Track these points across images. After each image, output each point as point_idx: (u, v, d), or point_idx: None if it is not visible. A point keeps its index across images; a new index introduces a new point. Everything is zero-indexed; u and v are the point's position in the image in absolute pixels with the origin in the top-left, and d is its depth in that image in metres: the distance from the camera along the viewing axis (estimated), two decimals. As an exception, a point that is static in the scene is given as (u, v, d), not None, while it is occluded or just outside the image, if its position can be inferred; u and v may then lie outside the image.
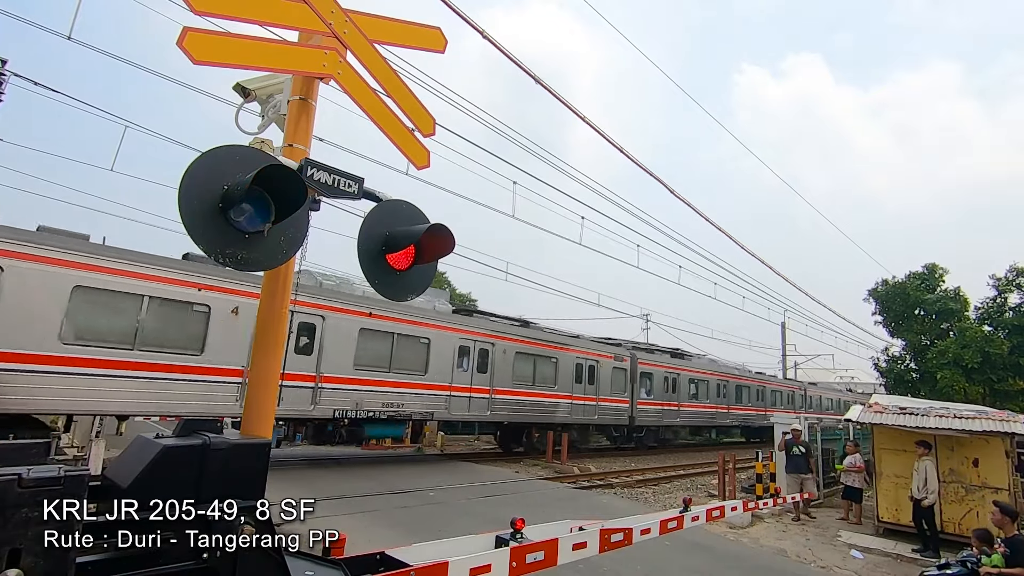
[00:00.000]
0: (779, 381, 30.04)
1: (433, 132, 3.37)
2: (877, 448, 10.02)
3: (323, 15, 2.70)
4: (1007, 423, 8.55)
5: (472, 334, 14.49)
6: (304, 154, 2.67)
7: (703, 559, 7.55)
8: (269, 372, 2.60)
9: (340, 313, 11.69)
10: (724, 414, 24.69)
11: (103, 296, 8.83)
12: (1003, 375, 20.65)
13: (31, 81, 8.86)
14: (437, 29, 3.34)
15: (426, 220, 2.97)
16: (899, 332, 24.00)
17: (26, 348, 8.03)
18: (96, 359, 8.68)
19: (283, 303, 2.66)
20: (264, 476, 2.17)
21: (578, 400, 17.46)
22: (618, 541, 3.50)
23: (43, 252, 8.32)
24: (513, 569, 2.76)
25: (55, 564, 1.49)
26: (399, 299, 3.04)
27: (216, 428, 2.18)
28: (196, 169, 2.11)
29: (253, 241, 2.24)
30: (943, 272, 23.53)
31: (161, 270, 9.43)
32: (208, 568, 1.89)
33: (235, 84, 3.03)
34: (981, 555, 5.27)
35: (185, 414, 9.60)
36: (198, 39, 2.28)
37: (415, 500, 9.59)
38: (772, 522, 10.22)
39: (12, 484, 1.45)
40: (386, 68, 3.10)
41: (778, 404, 27.80)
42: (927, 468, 8.54)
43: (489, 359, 14.83)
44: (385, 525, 7.66)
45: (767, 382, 28.33)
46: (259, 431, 2.51)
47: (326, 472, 11.78)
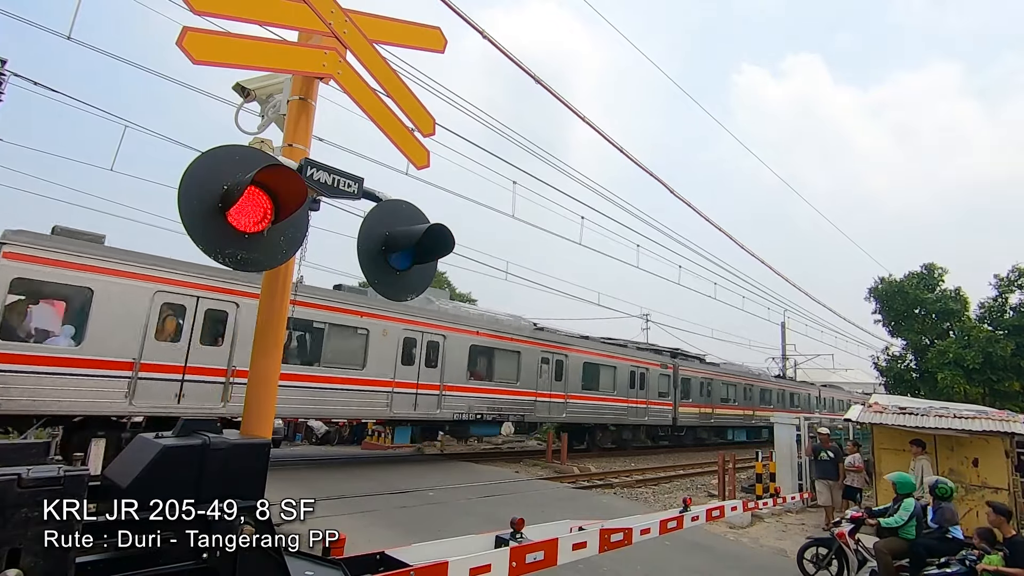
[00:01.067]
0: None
1: (433, 132, 3.37)
2: (877, 448, 10.02)
3: (323, 15, 2.70)
4: (1007, 423, 8.55)
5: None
6: (304, 154, 2.67)
7: (703, 559, 7.55)
8: (269, 372, 2.60)
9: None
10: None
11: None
12: (1003, 376, 20.63)
13: (31, 81, 8.86)
14: (437, 29, 3.34)
15: (426, 220, 2.97)
16: (899, 331, 23.95)
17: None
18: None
19: (283, 303, 2.66)
20: (264, 476, 2.17)
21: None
22: (618, 541, 3.50)
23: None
24: (513, 569, 2.76)
25: (55, 564, 1.49)
26: (399, 299, 3.04)
27: (216, 428, 2.18)
28: (196, 169, 2.11)
29: (253, 241, 2.24)
30: (942, 272, 23.48)
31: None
32: (208, 568, 1.89)
33: (235, 84, 3.03)
34: (982, 554, 5.29)
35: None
36: (198, 39, 2.28)
37: (415, 500, 9.59)
38: (772, 522, 10.23)
39: (12, 484, 1.45)
40: (386, 68, 3.10)
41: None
42: (923, 467, 8.55)
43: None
44: (385, 525, 7.66)
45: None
46: (259, 431, 2.51)
47: (326, 472, 11.78)
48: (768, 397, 28.30)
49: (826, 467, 10.06)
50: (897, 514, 6.16)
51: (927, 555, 5.80)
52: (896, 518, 6.13)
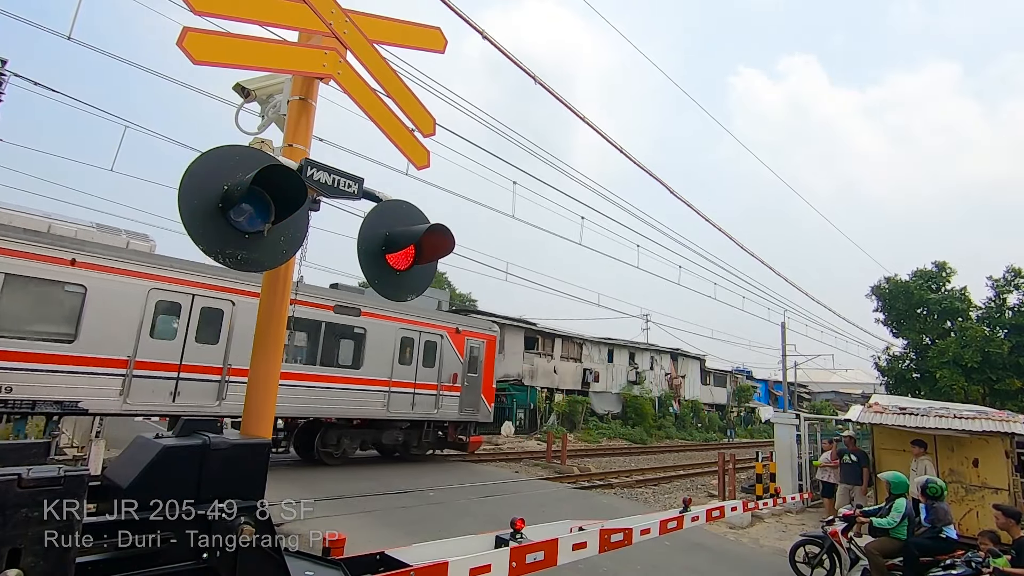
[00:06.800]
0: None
1: (433, 132, 3.37)
2: (877, 448, 10.01)
3: (323, 15, 2.70)
4: (1007, 423, 8.54)
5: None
6: (304, 154, 2.67)
7: (703, 559, 7.55)
8: (269, 372, 2.60)
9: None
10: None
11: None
12: (1003, 375, 20.61)
13: (31, 81, 8.86)
14: (437, 29, 3.34)
15: (426, 220, 2.97)
16: (901, 331, 23.89)
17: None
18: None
19: (283, 303, 2.66)
20: (264, 476, 2.17)
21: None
22: (618, 541, 3.50)
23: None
24: (513, 569, 2.76)
25: (55, 564, 1.49)
26: (399, 299, 3.04)
27: (216, 428, 2.18)
28: (196, 169, 2.11)
29: (253, 241, 2.24)
30: (951, 272, 23.37)
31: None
32: (208, 568, 1.89)
33: (235, 84, 3.03)
34: (988, 556, 5.27)
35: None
36: (198, 39, 2.28)
37: (415, 500, 9.58)
38: (772, 522, 10.22)
39: (12, 484, 1.45)
40: (386, 68, 3.10)
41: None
42: (926, 467, 8.54)
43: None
44: (385, 525, 7.65)
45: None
46: (259, 431, 2.51)
47: (326, 472, 11.77)
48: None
49: (848, 471, 9.76)
50: (889, 515, 6.16)
51: (920, 554, 5.80)
52: (888, 519, 6.13)
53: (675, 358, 37.37)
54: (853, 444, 10.16)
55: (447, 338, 14.19)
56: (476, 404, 14.79)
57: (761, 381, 48.67)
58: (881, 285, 24.33)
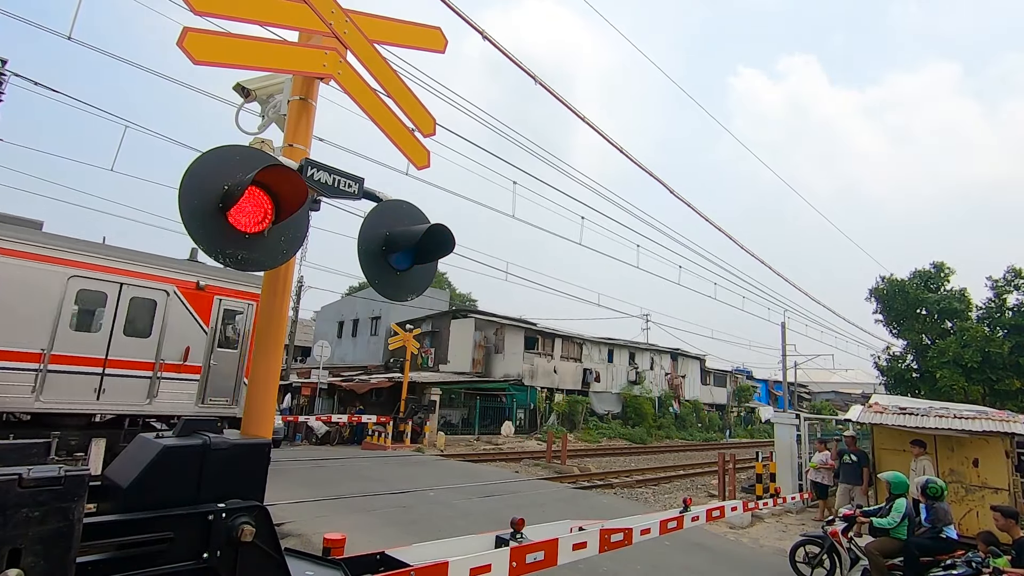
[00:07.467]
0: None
1: (433, 132, 3.37)
2: (877, 448, 10.01)
3: (323, 15, 2.70)
4: (1007, 423, 8.54)
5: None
6: (304, 154, 2.67)
7: (703, 559, 7.54)
8: (269, 372, 2.60)
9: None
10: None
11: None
12: (1002, 375, 20.61)
13: (31, 81, 8.86)
14: (437, 29, 3.34)
15: (426, 220, 2.97)
16: (901, 332, 23.88)
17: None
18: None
19: (283, 303, 2.66)
20: (264, 476, 2.17)
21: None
22: (618, 541, 3.50)
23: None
24: (513, 569, 2.76)
25: (55, 564, 1.49)
26: (399, 299, 3.04)
27: (216, 428, 2.18)
28: (196, 169, 2.10)
29: (253, 241, 2.24)
30: (950, 272, 23.37)
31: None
32: (208, 568, 1.89)
33: (235, 84, 3.03)
34: (988, 556, 5.28)
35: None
36: (198, 39, 2.28)
37: (415, 500, 9.58)
38: (772, 522, 10.22)
39: (12, 484, 1.45)
40: (386, 68, 3.10)
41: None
42: (926, 467, 8.55)
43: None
44: (385, 525, 7.65)
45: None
46: (259, 431, 2.51)
47: (326, 472, 11.77)
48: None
49: (848, 471, 9.79)
50: (889, 516, 6.16)
51: (921, 554, 5.81)
52: (888, 520, 6.13)
53: (675, 358, 37.38)
54: (853, 444, 10.20)
55: (176, 295, 9.55)
56: (230, 394, 9.98)
57: (761, 381, 48.70)
58: (879, 286, 24.33)
